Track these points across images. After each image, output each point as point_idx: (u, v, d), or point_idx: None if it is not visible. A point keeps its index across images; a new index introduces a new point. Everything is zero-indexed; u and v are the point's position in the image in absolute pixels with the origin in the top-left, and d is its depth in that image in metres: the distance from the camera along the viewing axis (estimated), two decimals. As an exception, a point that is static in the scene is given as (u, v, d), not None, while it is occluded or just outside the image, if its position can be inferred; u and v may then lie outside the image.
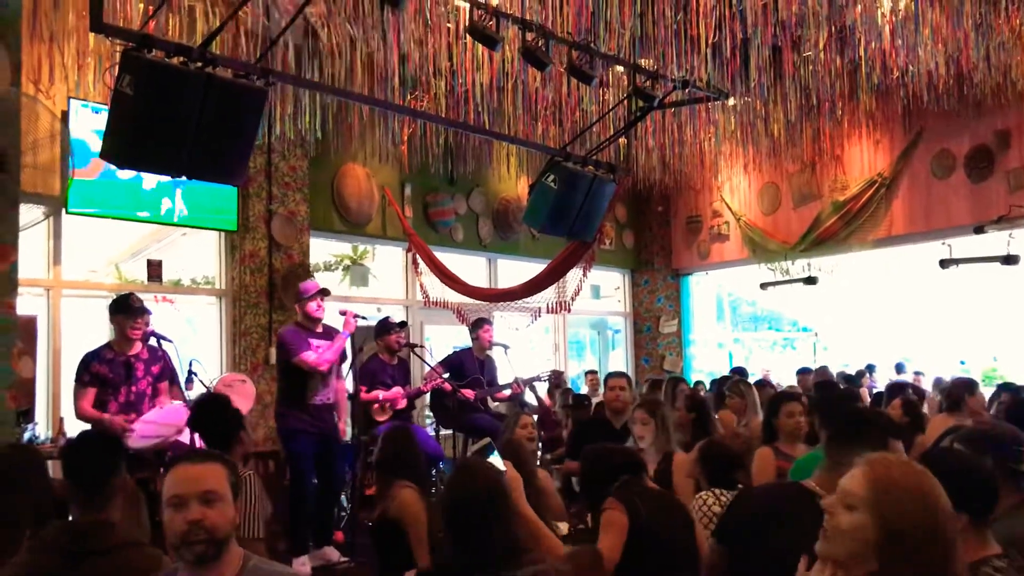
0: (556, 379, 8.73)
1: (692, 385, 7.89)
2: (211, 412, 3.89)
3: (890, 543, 1.74)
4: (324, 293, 6.04)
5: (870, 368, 11.23)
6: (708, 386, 8.66)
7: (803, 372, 9.90)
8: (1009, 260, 8.74)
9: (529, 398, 7.76)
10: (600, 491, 3.34)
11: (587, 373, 9.98)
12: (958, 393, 5.59)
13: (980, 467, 2.36)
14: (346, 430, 6.36)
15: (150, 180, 6.63)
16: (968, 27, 6.41)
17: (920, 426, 5.41)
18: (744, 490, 3.62)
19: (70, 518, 2.75)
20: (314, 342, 5.88)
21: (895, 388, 6.21)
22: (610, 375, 6.04)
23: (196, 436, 4.86)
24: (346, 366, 6.18)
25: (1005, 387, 6.57)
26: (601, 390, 7.18)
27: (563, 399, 8.32)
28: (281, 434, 6.01)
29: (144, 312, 5.20)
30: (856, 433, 2.80)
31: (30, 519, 2.71)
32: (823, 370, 10.12)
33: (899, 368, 11.50)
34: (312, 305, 5.94)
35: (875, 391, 8.82)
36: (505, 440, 4.33)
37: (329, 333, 6.02)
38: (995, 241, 8.82)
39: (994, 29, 6.59)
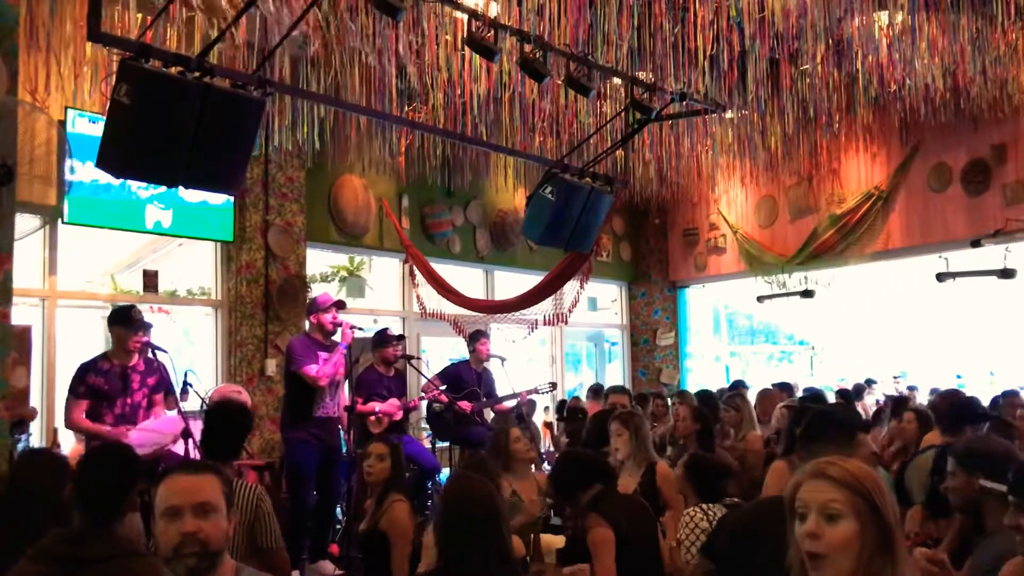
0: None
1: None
2: (223, 419, 3.81)
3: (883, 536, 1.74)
4: (340, 306, 5.99)
5: (869, 383, 11.09)
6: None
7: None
8: (1006, 274, 8.74)
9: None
10: (572, 493, 3.54)
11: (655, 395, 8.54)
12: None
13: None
14: None
15: (146, 190, 6.61)
16: (965, 41, 6.43)
17: None
18: (735, 506, 3.65)
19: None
20: (322, 355, 5.84)
21: (900, 401, 6.23)
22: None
23: (190, 446, 4.83)
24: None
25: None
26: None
27: (559, 410, 8.27)
28: (284, 444, 5.99)
29: (144, 326, 5.18)
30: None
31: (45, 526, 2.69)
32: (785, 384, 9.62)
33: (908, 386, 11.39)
34: (327, 317, 5.91)
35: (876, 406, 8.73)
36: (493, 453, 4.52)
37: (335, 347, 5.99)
38: (992, 255, 8.83)
39: (990, 43, 6.61)
